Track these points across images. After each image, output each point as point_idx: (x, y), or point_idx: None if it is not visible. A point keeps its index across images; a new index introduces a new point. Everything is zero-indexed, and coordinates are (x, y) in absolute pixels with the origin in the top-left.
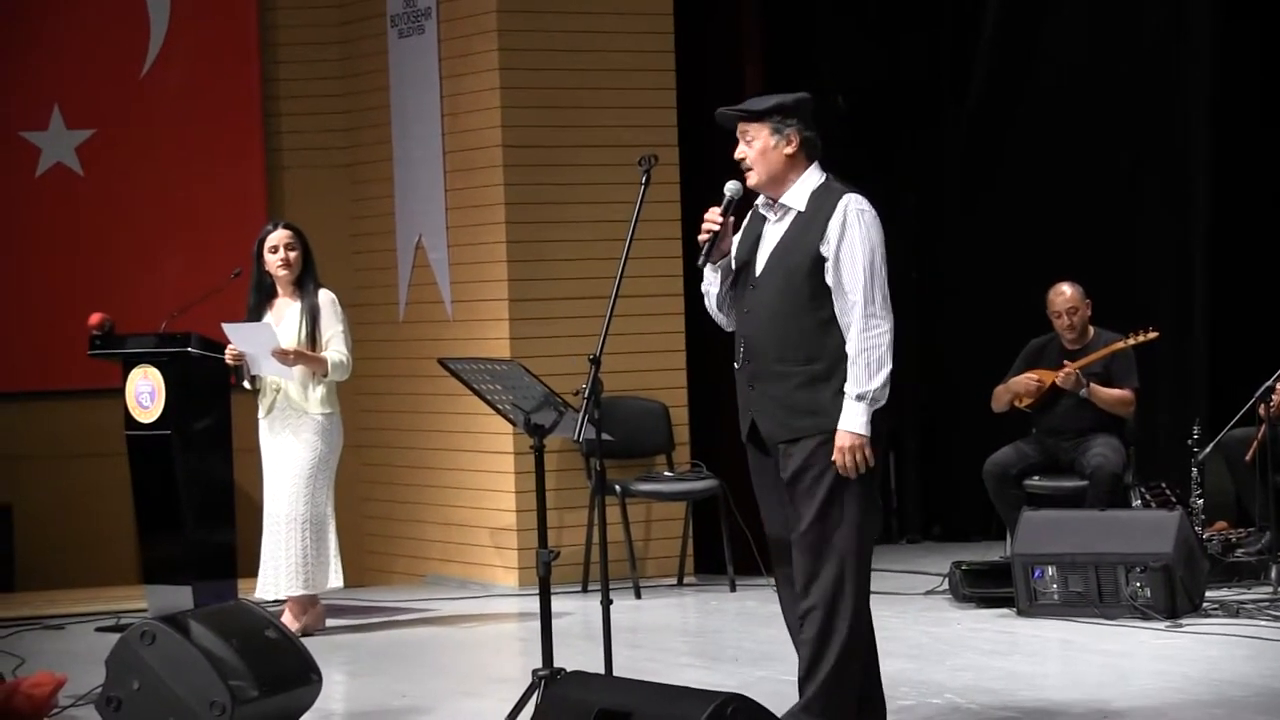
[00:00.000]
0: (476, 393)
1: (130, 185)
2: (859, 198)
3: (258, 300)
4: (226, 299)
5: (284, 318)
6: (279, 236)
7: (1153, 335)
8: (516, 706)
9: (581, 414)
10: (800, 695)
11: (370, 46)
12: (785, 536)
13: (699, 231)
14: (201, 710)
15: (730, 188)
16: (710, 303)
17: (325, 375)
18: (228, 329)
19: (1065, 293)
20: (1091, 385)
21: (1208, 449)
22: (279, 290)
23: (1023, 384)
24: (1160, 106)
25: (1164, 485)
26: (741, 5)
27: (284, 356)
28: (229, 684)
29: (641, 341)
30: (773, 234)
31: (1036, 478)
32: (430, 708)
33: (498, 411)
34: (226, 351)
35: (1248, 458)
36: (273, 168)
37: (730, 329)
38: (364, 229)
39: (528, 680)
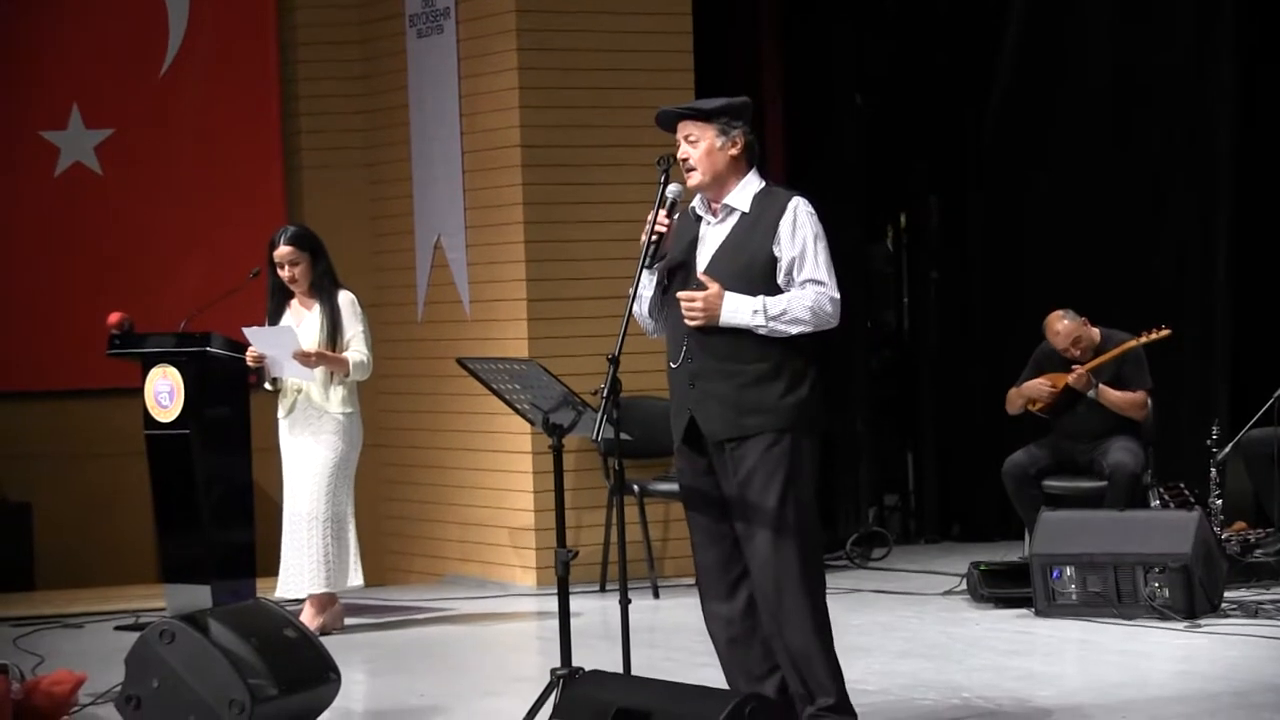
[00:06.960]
0: (495, 392)
1: (149, 185)
2: (804, 199)
3: (275, 304)
4: (246, 298)
5: (303, 320)
6: (280, 254)
7: (1164, 333)
8: (535, 705)
9: (600, 413)
10: (803, 703)
11: (389, 46)
12: (718, 561)
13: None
14: (221, 708)
15: (672, 189)
16: (643, 307)
17: (347, 376)
18: (249, 333)
19: (1060, 328)
20: (1101, 386)
21: (1226, 449)
22: (295, 293)
23: (1035, 389)
24: (1186, 104)
25: (1182, 485)
26: (760, 4)
27: (306, 359)
28: (248, 682)
29: (660, 341)
30: (714, 235)
31: (1055, 478)
32: (449, 707)
33: (516, 411)
34: (247, 354)
35: None
36: (291, 167)
37: (655, 335)
38: (383, 229)
39: (546, 679)
